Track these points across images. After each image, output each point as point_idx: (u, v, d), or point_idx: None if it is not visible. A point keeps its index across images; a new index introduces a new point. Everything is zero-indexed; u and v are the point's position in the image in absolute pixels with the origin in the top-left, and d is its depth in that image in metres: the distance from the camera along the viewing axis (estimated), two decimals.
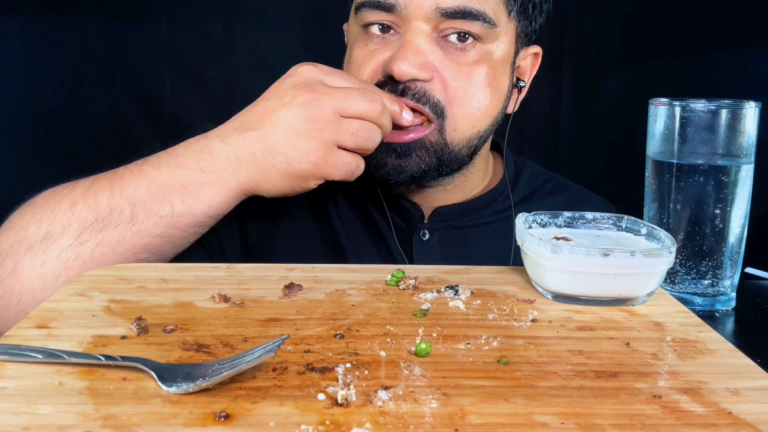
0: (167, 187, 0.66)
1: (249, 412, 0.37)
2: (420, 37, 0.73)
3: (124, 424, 0.36)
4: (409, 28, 0.73)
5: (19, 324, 0.49)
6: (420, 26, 0.73)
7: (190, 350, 0.45)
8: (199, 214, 0.67)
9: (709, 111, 0.59)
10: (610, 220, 0.62)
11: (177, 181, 0.66)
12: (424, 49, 0.73)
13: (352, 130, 0.65)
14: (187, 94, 1.54)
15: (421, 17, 0.72)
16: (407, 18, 0.73)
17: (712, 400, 0.40)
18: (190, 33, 1.53)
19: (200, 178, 0.66)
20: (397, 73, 0.71)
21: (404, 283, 0.58)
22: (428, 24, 0.73)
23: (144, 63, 1.53)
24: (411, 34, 0.73)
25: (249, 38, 1.53)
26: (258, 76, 1.54)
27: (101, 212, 0.65)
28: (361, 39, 0.78)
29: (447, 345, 0.47)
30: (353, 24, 0.81)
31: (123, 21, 1.51)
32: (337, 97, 0.65)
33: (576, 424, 0.37)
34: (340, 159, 0.66)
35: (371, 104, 0.66)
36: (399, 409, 0.38)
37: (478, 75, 0.75)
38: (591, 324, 0.51)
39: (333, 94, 0.65)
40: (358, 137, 0.66)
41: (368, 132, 0.66)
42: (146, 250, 0.67)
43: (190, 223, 0.67)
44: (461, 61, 0.74)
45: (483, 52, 0.75)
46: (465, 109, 0.75)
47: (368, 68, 0.76)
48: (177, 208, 0.66)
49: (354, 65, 0.78)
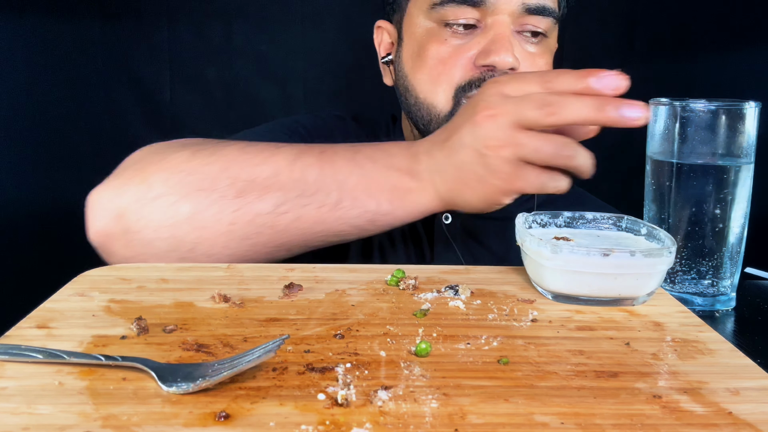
0: (378, 184, 0.65)
1: (249, 412, 0.37)
2: (508, 30, 0.79)
3: (124, 424, 0.36)
4: (497, 21, 0.79)
5: (19, 324, 0.49)
6: (506, 20, 0.79)
7: (190, 350, 0.45)
8: (400, 217, 0.66)
9: (709, 111, 0.59)
10: (610, 220, 0.62)
11: (388, 180, 0.65)
12: (513, 42, 0.79)
13: (534, 146, 0.59)
14: (187, 94, 1.54)
15: (507, 12, 0.78)
16: (494, 12, 0.79)
17: (712, 400, 0.40)
18: (190, 33, 1.53)
19: (408, 183, 0.65)
20: (500, 63, 0.76)
21: (404, 283, 0.58)
22: (511, 18, 0.79)
23: (144, 63, 1.53)
24: (501, 26, 0.78)
25: (249, 38, 1.54)
26: (258, 76, 1.55)
27: (308, 189, 0.64)
28: (438, 34, 0.82)
29: (447, 345, 0.47)
30: (422, 19, 0.84)
31: (123, 21, 1.51)
32: (510, 113, 0.59)
33: (576, 424, 0.37)
34: (529, 175, 0.61)
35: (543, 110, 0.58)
36: (399, 409, 0.38)
37: (544, 64, 0.83)
38: (591, 324, 0.51)
39: (507, 110, 0.60)
40: (542, 153, 0.60)
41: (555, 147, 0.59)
42: (337, 235, 0.66)
43: (388, 223, 0.66)
44: (533, 52, 0.82)
45: (546, 44, 0.83)
46: None
47: (458, 64, 0.80)
48: (383, 206, 0.65)
49: (437, 60, 0.81)
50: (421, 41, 0.83)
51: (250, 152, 0.66)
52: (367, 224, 0.66)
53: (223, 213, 0.63)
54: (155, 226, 0.64)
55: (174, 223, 0.63)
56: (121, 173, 0.67)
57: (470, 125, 0.62)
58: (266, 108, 1.55)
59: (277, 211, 0.64)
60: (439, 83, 0.83)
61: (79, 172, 1.53)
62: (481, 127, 0.61)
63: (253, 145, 0.67)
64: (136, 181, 0.64)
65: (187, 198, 0.63)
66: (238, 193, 0.63)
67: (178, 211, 0.63)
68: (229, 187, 0.63)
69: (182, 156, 0.65)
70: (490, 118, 0.60)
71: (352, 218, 0.65)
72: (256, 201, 0.63)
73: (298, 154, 0.66)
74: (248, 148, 0.66)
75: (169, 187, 0.64)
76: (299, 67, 1.53)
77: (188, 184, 0.64)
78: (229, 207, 0.63)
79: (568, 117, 0.58)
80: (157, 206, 0.63)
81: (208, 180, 0.63)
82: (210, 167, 0.64)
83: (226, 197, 0.63)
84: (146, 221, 0.64)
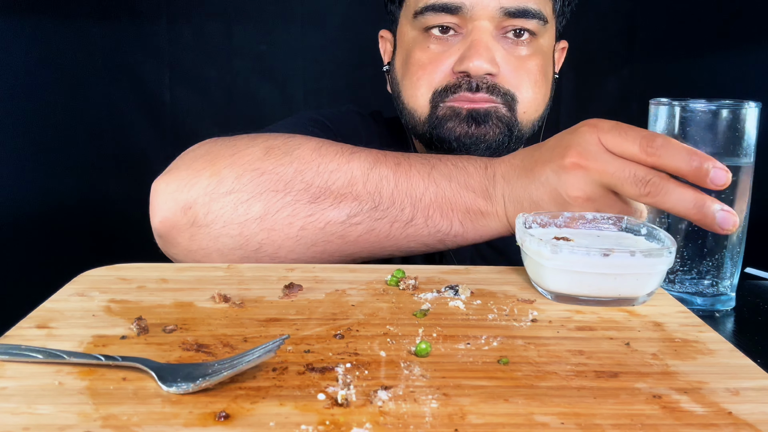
0: (453, 204, 0.64)
1: (249, 412, 0.37)
2: (486, 35, 0.79)
3: (124, 424, 0.36)
4: (475, 27, 0.79)
5: (19, 324, 0.49)
6: (485, 25, 0.79)
7: (190, 350, 0.45)
8: (470, 239, 0.65)
9: (710, 111, 0.59)
10: (610, 220, 0.62)
11: (463, 201, 0.64)
12: (491, 47, 0.80)
13: (621, 207, 0.59)
14: (187, 94, 1.54)
15: (485, 17, 0.79)
16: (472, 18, 0.79)
17: (712, 400, 0.40)
18: (190, 33, 1.53)
19: (482, 206, 0.64)
20: (473, 69, 0.78)
21: (404, 283, 0.58)
22: (491, 23, 0.79)
23: (144, 63, 1.53)
24: (479, 33, 0.79)
25: (249, 38, 1.54)
26: (258, 76, 1.55)
27: (383, 203, 0.63)
28: (421, 41, 0.84)
29: (447, 345, 0.47)
30: (408, 29, 0.87)
31: (123, 21, 1.51)
32: (606, 174, 0.57)
33: (576, 424, 0.37)
34: None
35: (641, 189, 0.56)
36: (399, 409, 0.38)
37: (534, 66, 0.83)
38: (591, 324, 0.51)
39: (603, 167, 0.57)
40: (624, 212, 0.60)
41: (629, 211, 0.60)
42: (403, 251, 0.65)
43: (457, 243, 0.65)
44: (520, 55, 0.82)
45: (536, 46, 0.83)
46: (529, 96, 0.84)
47: (437, 70, 0.82)
48: (455, 227, 0.64)
49: (418, 66, 0.84)
50: (408, 49, 0.86)
51: (325, 155, 0.64)
52: (436, 243, 0.65)
53: (295, 217, 0.62)
54: (224, 221, 0.62)
55: (244, 221, 0.62)
56: (189, 164, 0.65)
57: (558, 167, 0.59)
58: (266, 108, 1.55)
59: (350, 222, 0.63)
60: (418, 88, 0.85)
61: (79, 172, 1.53)
62: (569, 175, 0.59)
63: (327, 146, 0.65)
64: (207, 174, 0.63)
65: (260, 198, 0.62)
66: (312, 199, 0.62)
67: (250, 209, 0.62)
68: (304, 192, 0.62)
69: (255, 153, 0.64)
70: (582, 168, 0.58)
71: (422, 236, 0.64)
72: (330, 209, 0.62)
73: (374, 162, 0.64)
74: (323, 149, 0.65)
75: (242, 184, 0.62)
76: (299, 67, 1.53)
77: (261, 184, 0.62)
78: (302, 212, 0.62)
79: (664, 205, 0.56)
80: (227, 202, 0.62)
81: (282, 182, 0.62)
82: (284, 168, 0.63)
83: (300, 201, 0.62)
84: (215, 216, 0.62)
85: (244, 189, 0.62)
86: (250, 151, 0.64)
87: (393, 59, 0.92)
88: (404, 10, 0.88)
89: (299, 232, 0.62)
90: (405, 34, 0.88)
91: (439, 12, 0.80)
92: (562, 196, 0.60)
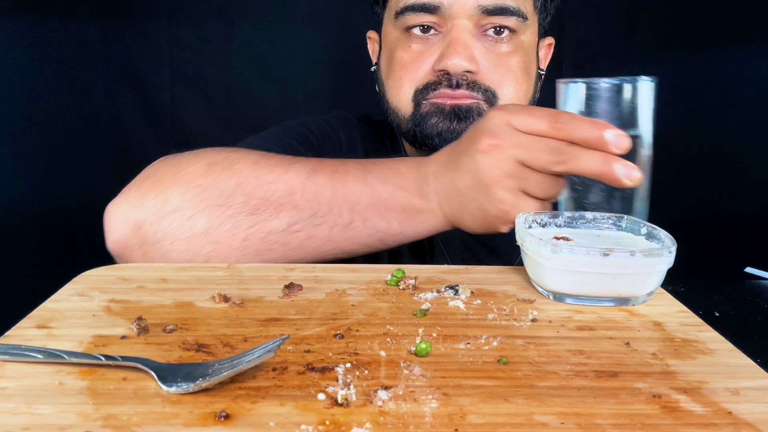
0: (389, 204, 0.66)
1: (249, 412, 0.37)
2: (465, 34, 0.80)
3: (124, 424, 0.36)
4: (454, 26, 0.80)
5: (19, 324, 0.49)
6: (463, 24, 0.80)
7: (190, 350, 0.45)
8: (409, 236, 0.67)
9: (609, 87, 0.61)
10: (610, 220, 0.62)
11: (398, 201, 0.66)
12: (470, 45, 0.80)
13: (538, 180, 0.61)
14: (187, 94, 1.54)
15: (464, 15, 0.80)
16: (451, 17, 0.80)
17: (712, 399, 0.40)
18: (190, 33, 1.53)
19: (418, 204, 0.66)
20: (452, 67, 0.79)
21: (404, 283, 0.58)
22: (470, 21, 0.80)
23: (144, 63, 1.53)
24: (457, 31, 0.80)
25: (249, 38, 1.54)
26: (258, 76, 1.55)
27: (321, 209, 0.65)
28: (403, 41, 0.85)
29: (447, 345, 0.47)
30: (391, 29, 0.88)
31: (123, 21, 1.51)
32: (518, 147, 0.60)
33: (576, 424, 0.37)
34: (528, 206, 0.62)
35: (554, 158, 0.59)
36: (399, 409, 0.38)
37: (516, 63, 0.84)
38: (591, 324, 0.51)
39: (515, 143, 0.60)
40: (545, 187, 0.62)
41: (552, 185, 0.62)
42: (347, 253, 0.67)
43: (397, 242, 0.67)
44: (500, 52, 0.83)
45: (517, 43, 0.84)
46: (510, 93, 0.84)
47: (419, 69, 0.83)
48: (393, 227, 0.66)
49: (400, 66, 0.85)
50: (391, 49, 0.88)
51: (264, 167, 0.66)
52: (377, 243, 0.67)
53: (237, 229, 0.64)
54: (172, 238, 0.65)
55: (190, 236, 0.64)
56: (139, 185, 0.67)
57: (475, 152, 0.62)
58: (266, 108, 1.55)
59: (290, 230, 0.65)
60: (401, 87, 0.86)
61: (79, 173, 1.53)
62: (486, 157, 0.61)
63: (267, 159, 0.68)
64: (154, 193, 0.65)
65: (203, 213, 0.64)
66: (253, 211, 0.64)
67: (195, 225, 0.64)
68: (244, 204, 0.64)
69: (198, 170, 0.66)
70: (495, 148, 0.60)
71: (362, 238, 0.66)
72: (270, 219, 0.64)
73: (312, 172, 0.66)
74: (262, 162, 0.67)
75: (186, 201, 0.64)
76: (299, 67, 1.53)
77: (204, 199, 0.64)
78: (244, 223, 0.64)
79: (576, 167, 0.59)
80: (174, 219, 0.64)
81: (224, 196, 0.64)
82: (225, 182, 0.65)
83: (241, 213, 0.64)
84: (163, 233, 0.65)
85: (189, 205, 0.64)
86: (192, 168, 0.66)
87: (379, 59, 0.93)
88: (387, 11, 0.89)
89: (243, 243, 0.64)
90: (388, 34, 0.89)
91: (419, 12, 0.82)
92: (483, 180, 0.61)
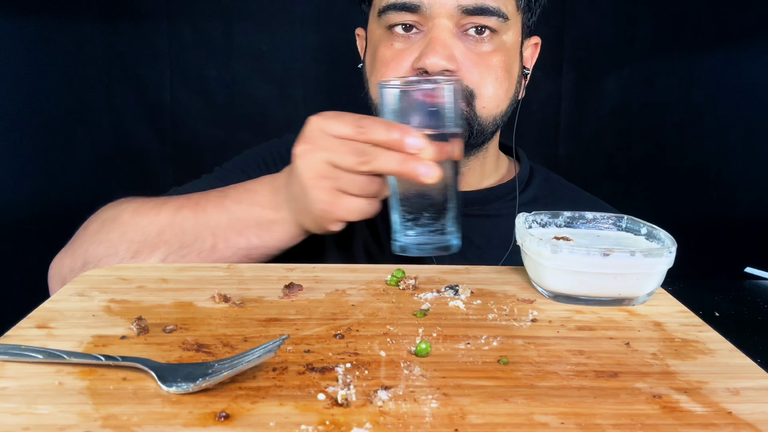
0: (244, 222, 0.70)
1: (249, 412, 0.37)
2: (445, 33, 0.81)
3: (124, 424, 0.36)
4: (434, 25, 0.81)
5: (19, 324, 0.49)
6: (443, 23, 0.81)
7: (190, 350, 0.45)
8: (271, 248, 0.71)
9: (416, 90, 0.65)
10: (610, 220, 0.62)
11: (252, 217, 0.70)
12: (450, 44, 0.81)
13: (352, 180, 0.64)
14: (187, 94, 1.54)
15: (444, 15, 0.81)
16: (431, 16, 0.81)
17: (712, 399, 0.40)
18: (190, 33, 1.53)
19: (271, 216, 0.70)
20: (430, 66, 0.79)
21: (404, 283, 0.58)
22: (450, 21, 0.81)
23: (144, 63, 1.53)
24: (437, 30, 0.81)
25: (249, 38, 1.54)
26: (258, 76, 1.55)
27: (186, 240, 0.71)
28: (386, 39, 0.86)
29: (447, 345, 0.47)
30: (375, 27, 0.88)
31: (123, 21, 1.51)
32: (327, 150, 0.64)
33: (576, 424, 0.37)
34: (349, 204, 0.65)
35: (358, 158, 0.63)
36: (399, 409, 0.38)
37: (496, 62, 0.84)
38: (591, 324, 0.51)
39: (324, 146, 0.64)
40: (361, 186, 0.64)
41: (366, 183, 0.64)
42: None
43: (262, 255, 0.72)
44: (480, 52, 0.83)
45: (498, 42, 0.84)
46: (489, 92, 0.84)
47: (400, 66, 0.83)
48: (252, 241, 0.70)
49: (382, 64, 0.85)
50: (374, 46, 0.88)
51: (140, 213, 0.74)
52: (244, 259, 0.71)
53: None
54: None
55: None
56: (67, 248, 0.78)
57: (294, 157, 0.66)
58: (266, 108, 1.55)
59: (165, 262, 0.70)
60: None
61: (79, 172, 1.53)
62: (299, 160, 0.65)
63: (144, 205, 0.75)
64: (69, 253, 0.76)
65: (99, 263, 0.71)
66: (134, 255, 0.71)
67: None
68: (126, 251, 0.72)
69: (95, 227, 0.76)
70: (307, 152, 0.65)
71: (229, 257, 0.71)
72: (148, 257, 0.71)
73: (178, 208, 0.73)
74: (141, 209, 0.75)
75: (89, 255, 0.73)
76: (299, 67, 1.53)
77: (98, 252, 0.72)
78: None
79: (378, 167, 0.62)
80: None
81: (113, 246, 0.72)
82: (112, 234, 0.73)
83: (125, 260, 0.71)
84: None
85: (91, 259, 0.73)
86: (92, 227, 0.76)
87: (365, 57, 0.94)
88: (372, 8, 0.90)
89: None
90: (373, 32, 0.90)
91: (400, 11, 0.83)
92: (301, 182, 0.65)
